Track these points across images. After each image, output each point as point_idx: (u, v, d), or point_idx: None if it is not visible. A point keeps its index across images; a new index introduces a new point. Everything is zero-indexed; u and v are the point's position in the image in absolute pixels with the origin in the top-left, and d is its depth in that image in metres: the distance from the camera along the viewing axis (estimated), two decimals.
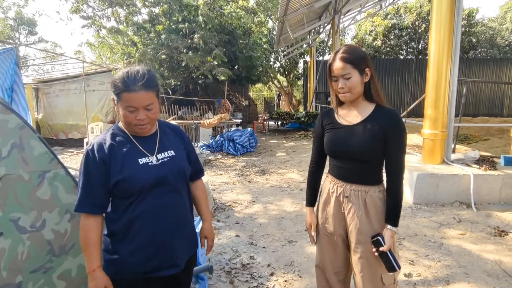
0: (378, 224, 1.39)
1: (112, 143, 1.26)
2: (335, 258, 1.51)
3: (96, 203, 1.23)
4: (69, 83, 10.89)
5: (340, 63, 1.33)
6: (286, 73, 19.38)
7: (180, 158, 1.38)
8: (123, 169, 1.23)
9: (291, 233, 3.30)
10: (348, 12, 12.90)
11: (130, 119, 1.22)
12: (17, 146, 1.61)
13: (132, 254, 1.26)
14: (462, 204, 3.98)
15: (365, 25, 17.78)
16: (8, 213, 1.51)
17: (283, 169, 6.30)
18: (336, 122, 1.45)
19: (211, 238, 1.54)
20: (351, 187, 1.43)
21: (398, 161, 1.36)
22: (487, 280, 2.41)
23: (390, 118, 1.35)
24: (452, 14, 4.05)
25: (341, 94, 1.37)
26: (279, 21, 10.02)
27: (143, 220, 1.25)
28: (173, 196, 1.32)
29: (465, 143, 8.47)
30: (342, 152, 1.42)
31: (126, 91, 1.18)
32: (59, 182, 1.72)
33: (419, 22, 16.29)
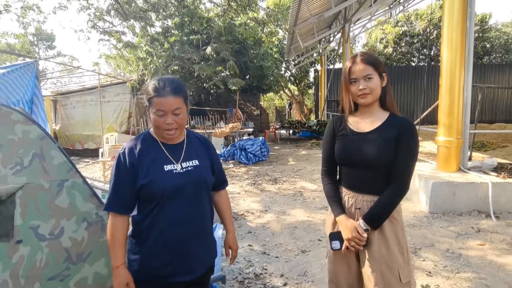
0: (392, 237, 1.35)
1: (141, 148, 1.33)
2: (348, 272, 1.46)
3: (123, 203, 1.30)
4: (86, 94, 11.23)
5: (362, 64, 1.33)
6: (297, 82, 19.46)
7: (204, 168, 1.40)
8: (148, 174, 1.29)
9: (304, 242, 3.26)
10: (358, 20, 12.93)
11: (160, 123, 1.27)
12: (38, 156, 1.67)
13: (151, 257, 1.31)
14: (480, 213, 3.86)
15: (376, 33, 17.74)
16: (28, 220, 1.56)
17: (295, 178, 6.27)
18: (349, 129, 1.42)
19: (235, 249, 1.56)
20: (363, 197, 1.39)
21: (408, 167, 1.33)
22: None
23: (404, 126, 1.34)
24: (464, 20, 4.01)
25: (362, 96, 1.34)
26: (289, 31, 10.12)
27: (162, 226, 1.30)
28: (193, 205, 1.36)
29: (481, 150, 8.24)
30: (355, 160, 1.39)
31: (156, 96, 1.25)
32: (76, 190, 1.76)
33: (431, 28, 16.15)
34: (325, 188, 1.51)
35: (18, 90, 5.02)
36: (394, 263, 1.33)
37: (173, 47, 11.17)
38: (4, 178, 1.56)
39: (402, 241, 1.37)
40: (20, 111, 1.74)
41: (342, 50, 11.19)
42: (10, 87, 4.89)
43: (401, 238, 1.37)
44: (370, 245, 1.35)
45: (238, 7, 8.66)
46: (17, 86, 5.01)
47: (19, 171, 1.61)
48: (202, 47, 9.55)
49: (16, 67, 5.27)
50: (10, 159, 1.60)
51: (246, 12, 8.97)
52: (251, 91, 14.50)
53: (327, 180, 1.51)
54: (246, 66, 11.39)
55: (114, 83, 11.83)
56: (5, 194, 1.54)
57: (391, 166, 1.34)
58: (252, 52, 10.60)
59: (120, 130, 11.44)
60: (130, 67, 13.45)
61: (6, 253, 1.49)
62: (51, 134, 1.80)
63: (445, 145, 4.28)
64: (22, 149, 1.64)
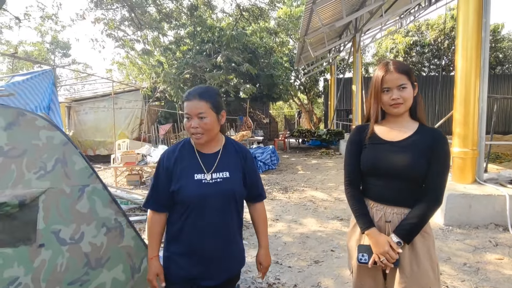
0: (424, 252, 1.30)
1: (178, 155, 1.41)
2: (374, 287, 1.41)
3: (159, 202, 1.41)
4: (99, 101, 11.45)
5: (396, 74, 1.29)
6: (306, 91, 19.48)
7: (234, 180, 1.41)
8: (179, 180, 1.36)
9: (316, 253, 3.23)
10: (368, 30, 12.95)
11: (187, 127, 1.35)
12: (61, 161, 1.71)
13: (178, 258, 1.40)
14: (497, 227, 3.76)
15: (386, 42, 17.73)
16: (50, 225, 1.59)
17: (305, 187, 6.23)
18: (378, 138, 1.37)
19: (266, 266, 1.55)
20: (393, 210, 1.33)
21: (441, 179, 1.30)
22: None
23: (436, 137, 1.31)
24: (479, 30, 3.98)
25: (394, 105, 1.30)
26: (300, 41, 10.19)
27: (189, 232, 1.37)
28: (218, 215, 1.38)
29: (496, 162, 8.07)
30: (385, 170, 1.33)
31: (186, 100, 1.35)
32: (96, 196, 1.79)
33: (442, 38, 16.06)
34: (351, 200, 1.43)
35: (36, 97, 5.16)
36: (425, 280, 1.28)
37: (185, 55, 11.36)
38: (28, 182, 1.60)
39: (434, 257, 1.32)
40: (44, 117, 1.79)
41: (352, 60, 11.20)
42: (29, 93, 5.03)
43: (433, 253, 1.33)
44: (404, 262, 1.29)
45: (250, 17, 8.78)
46: (35, 93, 5.15)
47: (43, 176, 1.64)
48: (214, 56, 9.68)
49: (35, 74, 5.42)
50: (34, 163, 1.63)
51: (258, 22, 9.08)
52: (261, 100, 14.58)
53: (352, 192, 1.43)
54: (257, 74, 11.49)
55: (126, 90, 12.05)
56: (29, 198, 1.57)
57: (423, 178, 1.30)
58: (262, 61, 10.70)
59: (131, 137, 11.59)
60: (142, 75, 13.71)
61: (28, 257, 1.52)
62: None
63: (460, 156, 4.21)
64: (46, 154, 1.68)
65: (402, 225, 1.30)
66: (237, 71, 9.79)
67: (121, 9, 8.22)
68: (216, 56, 9.24)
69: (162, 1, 9.21)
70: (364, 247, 1.37)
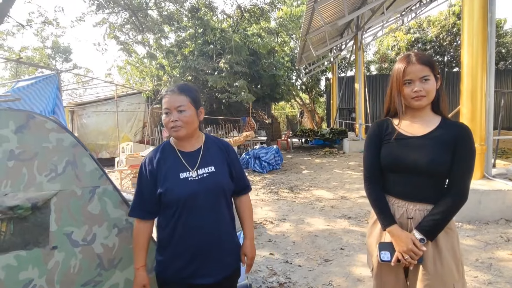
0: (448, 249, 1.27)
1: (160, 157, 1.40)
2: (396, 286, 1.37)
3: (146, 210, 1.38)
4: (101, 105, 11.49)
5: (419, 65, 1.24)
6: (308, 91, 19.45)
7: (220, 174, 1.41)
8: (165, 182, 1.34)
9: (326, 251, 3.21)
10: (370, 28, 12.92)
11: (166, 122, 1.34)
12: (71, 163, 1.70)
13: (173, 260, 1.38)
14: (508, 222, 3.73)
15: (387, 40, 17.68)
16: (63, 227, 1.58)
17: (311, 186, 6.21)
18: (399, 133, 1.33)
19: (250, 257, 1.51)
20: (415, 206, 1.29)
21: (467, 174, 1.26)
22: None
23: (461, 130, 1.27)
24: (485, 24, 3.95)
25: (416, 98, 1.26)
26: (301, 40, 10.18)
27: (181, 232, 1.35)
28: (209, 211, 1.37)
29: (503, 157, 8.01)
30: (408, 165, 1.28)
31: (165, 96, 1.36)
32: (107, 197, 1.78)
33: (444, 35, 15.99)
34: (371, 196, 1.39)
35: (41, 101, 5.18)
36: (449, 278, 1.24)
37: (187, 58, 11.38)
38: (40, 185, 1.59)
39: (458, 254, 1.29)
40: (54, 119, 1.79)
41: (354, 58, 11.17)
42: (33, 98, 5.05)
43: (457, 250, 1.29)
44: (427, 259, 1.26)
45: (251, 17, 8.78)
46: (40, 98, 5.17)
47: (54, 178, 1.64)
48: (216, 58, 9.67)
49: (39, 79, 5.45)
50: (45, 166, 1.63)
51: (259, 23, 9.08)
52: (263, 100, 14.57)
53: (373, 188, 1.39)
54: (259, 75, 11.48)
55: (129, 94, 12.09)
56: (41, 200, 1.57)
57: (446, 173, 1.27)
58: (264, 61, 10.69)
59: (134, 140, 11.63)
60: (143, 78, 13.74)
61: (42, 259, 1.51)
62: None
63: None
64: (56, 157, 1.67)
65: (425, 221, 1.27)
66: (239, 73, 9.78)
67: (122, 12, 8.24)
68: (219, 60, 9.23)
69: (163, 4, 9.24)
70: (386, 245, 1.33)
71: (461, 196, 1.26)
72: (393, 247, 1.31)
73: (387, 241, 1.36)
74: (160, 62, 11.03)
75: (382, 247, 1.34)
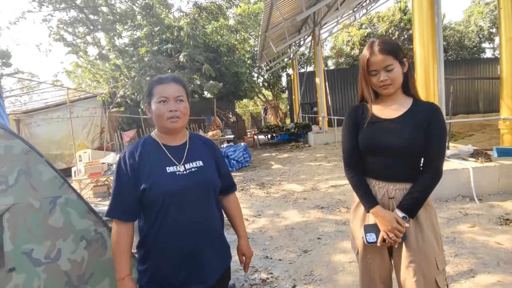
0: (428, 225, 1.31)
1: (142, 151, 1.27)
2: (382, 266, 1.40)
3: (126, 210, 1.23)
4: (52, 111, 10.62)
5: (381, 55, 1.27)
6: (270, 87, 19.64)
7: (209, 169, 1.33)
8: (150, 176, 1.22)
9: (304, 242, 3.22)
10: (325, 24, 13.33)
11: (162, 111, 1.23)
12: (24, 172, 1.51)
13: (160, 266, 1.24)
14: (464, 198, 4.03)
15: (342, 35, 18.39)
16: (20, 245, 1.40)
17: (282, 180, 6.25)
18: (375, 116, 1.36)
19: (249, 256, 1.47)
20: (395, 186, 1.33)
21: (441, 151, 1.31)
22: (505, 268, 2.40)
23: (432, 110, 1.31)
24: (433, 17, 4.23)
25: (383, 87, 1.30)
26: (262, 37, 10.21)
27: (168, 232, 1.23)
28: (199, 209, 1.27)
29: (452, 140, 8.70)
30: (385, 147, 1.32)
31: (159, 84, 1.25)
32: (71, 207, 1.61)
33: (392, 29, 16.99)
34: (353, 181, 1.41)
35: None
36: (431, 252, 1.28)
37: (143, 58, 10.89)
38: None
39: (437, 228, 1.34)
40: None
41: (314, 53, 11.45)
42: None
43: (436, 225, 1.34)
44: (410, 236, 1.29)
45: (209, 15, 8.61)
46: None
47: (4, 191, 1.44)
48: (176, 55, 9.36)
49: None
50: None
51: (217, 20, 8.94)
52: (227, 98, 14.44)
53: (353, 172, 1.41)
54: (221, 73, 11.33)
55: (82, 98, 11.32)
56: None
57: (421, 151, 1.31)
58: (226, 59, 10.57)
59: (92, 147, 10.92)
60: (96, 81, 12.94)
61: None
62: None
63: None
64: (6, 167, 1.48)
65: (406, 200, 1.30)
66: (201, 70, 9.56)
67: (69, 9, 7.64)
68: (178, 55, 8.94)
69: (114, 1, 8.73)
70: (370, 227, 1.35)
71: (437, 173, 1.31)
72: (377, 228, 1.33)
73: (370, 223, 1.37)
74: (114, 63, 10.44)
75: (367, 229, 1.35)
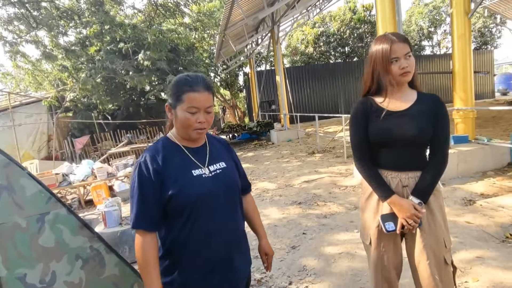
0: (437, 208, 1.39)
1: (164, 154, 1.18)
2: (395, 254, 1.45)
3: (152, 218, 1.13)
4: None
5: (402, 43, 1.32)
6: (228, 87, 19.52)
7: (232, 170, 1.29)
8: (177, 181, 1.14)
9: (290, 239, 3.25)
10: (282, 23, 13.60)
11: (191, 122, 1.15)
12: (6, 188, 1.32)
13: (190, 276, 1.17)
14: None
15: (296, 34, 18.91)
16: (13, 269, 1.22)
17: (253, 179, 6.25)
18: (385, 109, 1.39)
19: (271, 254, 1.46)
20: (407, 175, 1.38)
21: (447, 139, 1.40)
22: (480, 244, 2.65)
23: (437, 101, 1.39)
24: (394, 14, 4.51)
25: (404, 74, 1.34)
26: (220, 35, 10.10)
27: (199, 239, 1.16)
28: (228, 212, 1.23)
29: None
30: (398, 138, 1.36)
31: (191, 91, 1.13)
32: (62, 224, 1.44)
33: (344, 28, 17.89)
34: (366, 173, 1.44)
35: None
36: (440, 233, 1.36)
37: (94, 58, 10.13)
38: None
39: (444, 211, 1.42)
40: None
41: (273, 52, 11.61)
42: None
43: (443, 208, 1.42)
44: (424, 221, 1.36)
45: (166, 12, 8.28)
46: None
47: None
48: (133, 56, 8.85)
49: None
50: None
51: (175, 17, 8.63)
52: None
53: (367, 165, 1.44)
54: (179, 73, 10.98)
55: (24, 103, 10.23)
56: None
57: (429, 141, 1.38)
58: (184, 58, 10.26)
59: (39, 157, 9.94)
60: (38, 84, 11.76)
61: None
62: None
63: None
64: None
65: (419, 186, 1.37)
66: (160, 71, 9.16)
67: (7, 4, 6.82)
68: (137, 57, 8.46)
69: None
70: (388, 216, 1.39)
71: (445, 160, 1.40)
72: (394, 216, 1.38)
73: (385, 212, 1.42)
74: (61, 64, 9.57)
75: (384, 219, 1.39)
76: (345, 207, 3.96)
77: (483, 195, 3.72)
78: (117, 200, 3.48)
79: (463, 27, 4.67)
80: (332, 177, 5.50)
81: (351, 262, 2.65)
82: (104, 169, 6.22)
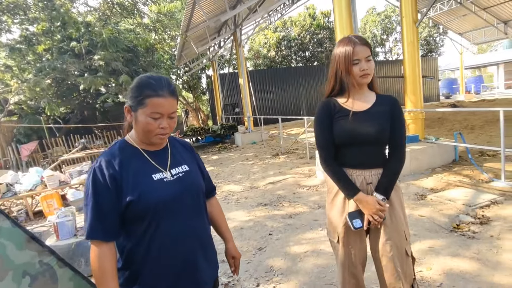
0: (397, 203, 1.46)
1: (122, 158, 1.11)
2: (361, 249, 1.50)
3: (109, 227, 1.06)
4: None
5: (363, 46, 1.37)
6: (191, 89, 19.18)
7: (195, 173, 1.25)
8: (137, 186, 1.08)
9: (256, 241, 3.25)
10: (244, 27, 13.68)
11: (153, 127, 1.09)
12: None
13: (155, 284, 1.12)
14: None
15: (259, 38, 19.14)
16: None
17: (218, 182, 6.17)
18: (351, 110, 1.44)
19: (239, 257, 1.44)
20: (371, 172, 1.44)
21: (404, 138, 1.48)
22: (431, 235, 2.86)
23: (394, 102, 1.47)
24: (351, 20, 4.73)
25: (364, 76, 1.39)
26: (182, 37, 9.89)
27: (164, 245, 1.11)
28: (192, 215, 1.18)
29: None
30: (362, 137, 1.41)
31: (155, 96, 1.07)
32: (5, 238, 1.30)
33: (304, 33, 18.45)
34: (332, 172, 1.47)
35: None
36: (401, 226, 1.43)
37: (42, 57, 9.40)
38: None
39: (403, 205, 1.50)
40: None
41: (235, 55, 11.61)
42: None
43: (403, 202, 1.50)
44: (387, 216, 1.42)
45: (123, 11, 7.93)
46: None
47: None
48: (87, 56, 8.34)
49: None
50: None
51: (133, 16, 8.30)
52: None
53: (333, 165, 1.48)
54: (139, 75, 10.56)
55: None
56: None
57: (387, 139, 1.45)
58: (144, 60, 9.88)
59: None
60: None
61: None
62: None
63: None
64: None
65: (381, 183, 1.43)
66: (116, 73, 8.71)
67: None
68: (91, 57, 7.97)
69: None
70: (355, 213, 1.43)
71: (403, 157, 1.48)
72: (361, 213, 1.43)
73: (351, 210, 1.46)
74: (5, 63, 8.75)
75: (352, 216, 1.44)
76: (309, 206, 4.05)
77: (432, 190, 4.02)
78: (71, 210, 3.23)
79: (412, 35, 5.03)
80: (296, 177, 5.61)
81: (316, 260, 2.70)
82: (55, 177, 5.76)
